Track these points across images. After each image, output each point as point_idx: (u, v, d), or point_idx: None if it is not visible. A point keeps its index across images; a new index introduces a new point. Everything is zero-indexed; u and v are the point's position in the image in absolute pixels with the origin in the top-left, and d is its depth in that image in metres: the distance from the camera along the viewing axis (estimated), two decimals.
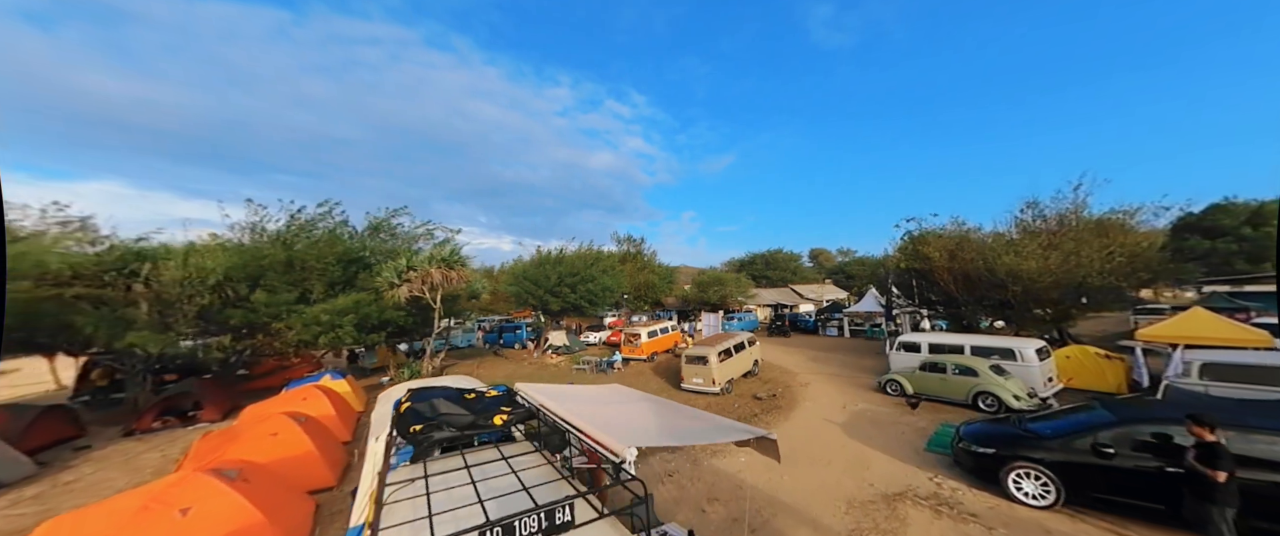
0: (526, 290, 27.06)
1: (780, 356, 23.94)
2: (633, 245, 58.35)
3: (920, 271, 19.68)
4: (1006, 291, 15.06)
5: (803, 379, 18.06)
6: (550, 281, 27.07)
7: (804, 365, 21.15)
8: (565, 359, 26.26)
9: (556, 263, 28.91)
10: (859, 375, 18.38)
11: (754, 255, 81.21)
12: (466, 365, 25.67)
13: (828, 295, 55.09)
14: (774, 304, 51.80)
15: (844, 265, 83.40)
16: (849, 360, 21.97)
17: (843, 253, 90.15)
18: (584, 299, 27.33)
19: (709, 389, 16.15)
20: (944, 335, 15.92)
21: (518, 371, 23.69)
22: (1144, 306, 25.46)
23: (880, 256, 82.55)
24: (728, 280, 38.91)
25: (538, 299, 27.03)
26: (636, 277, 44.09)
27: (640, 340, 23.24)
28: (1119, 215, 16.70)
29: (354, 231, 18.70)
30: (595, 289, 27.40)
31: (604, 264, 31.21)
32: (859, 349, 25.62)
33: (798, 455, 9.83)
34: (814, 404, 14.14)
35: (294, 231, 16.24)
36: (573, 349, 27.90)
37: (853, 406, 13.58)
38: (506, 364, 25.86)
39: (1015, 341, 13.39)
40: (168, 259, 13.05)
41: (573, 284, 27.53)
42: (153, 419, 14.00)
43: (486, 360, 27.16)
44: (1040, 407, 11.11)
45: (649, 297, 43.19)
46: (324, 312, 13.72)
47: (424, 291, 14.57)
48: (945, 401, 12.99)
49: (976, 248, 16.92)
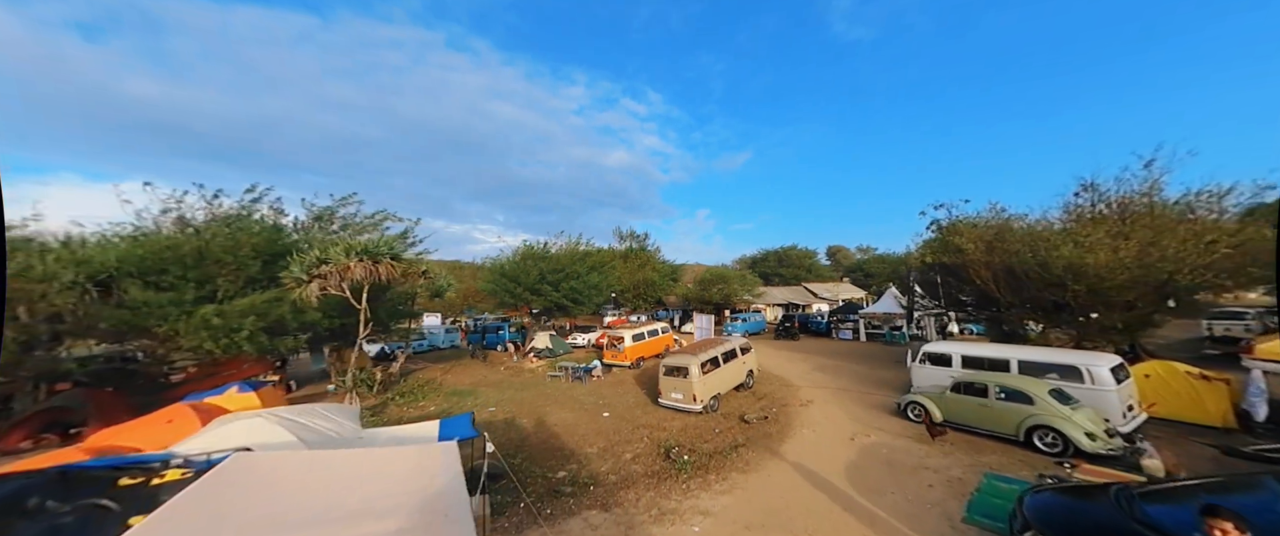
0: (503, 287, 24.62)
1: (783, 363, 20.97)
2: (635, 240, 55.78)
3: (950, 266, 16.51)
4: (1064, 291, 11.90)
5: (805, 394, 15.13)
6: (530, 278, 24.57)
7: (809, 376, 18.16)
8: (547, 363, 23.77)
9: (539, 258, 26.39)
10: (873, 390, 15.36)
11: (767, 252, 77.61)
12: (437, 369, 23.42)
13: (844, 294, 51.48)
14: (785, 303, 48.51)
15: (862, 263, 79.03)
16: (862, 370, 18.88)
17: (862, 250, 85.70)
18: (568, 297, 24.78)
19: (689, 406, 13.40)
20: (982, 345, 12.83)
21: (488, 377, 21.28)
22: (1217, 310, 21.63)
23: (902, 253, 78.60)
24: (732, 277, 35.88)
25: (516, 297, 24.59)
26: (636, 275, 41.41)
27: (624, 344, 20.56)
28: (1203, 197, 13.30)
29: (291, 222, 16.45)
30: (580, 287, 24.81)
31: (594, 260, 28.63)
32: (875, 356, 22.45)
33: (773, 524, 7.00)
34: (813, 432, 11.25)
35: (218, 223, 14.03)
36: (557, 352, 25.41)
37: (863, 437, 10.66)
38: (480, 368, 23.48)
39: (1082, 356, 10.29)
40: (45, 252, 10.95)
41: (556, 281, 24.99)
42: (23, 437, 11.91)
43: (460, 363, 24.86)
44: (1127, 451, 8.04)
45: (649, 296, 40.45)
46: (216, 314, 11.43)
47: (344, 289, 12.13)
48: (985, 434, 9.98)
49: (1022, 238, 13.73)
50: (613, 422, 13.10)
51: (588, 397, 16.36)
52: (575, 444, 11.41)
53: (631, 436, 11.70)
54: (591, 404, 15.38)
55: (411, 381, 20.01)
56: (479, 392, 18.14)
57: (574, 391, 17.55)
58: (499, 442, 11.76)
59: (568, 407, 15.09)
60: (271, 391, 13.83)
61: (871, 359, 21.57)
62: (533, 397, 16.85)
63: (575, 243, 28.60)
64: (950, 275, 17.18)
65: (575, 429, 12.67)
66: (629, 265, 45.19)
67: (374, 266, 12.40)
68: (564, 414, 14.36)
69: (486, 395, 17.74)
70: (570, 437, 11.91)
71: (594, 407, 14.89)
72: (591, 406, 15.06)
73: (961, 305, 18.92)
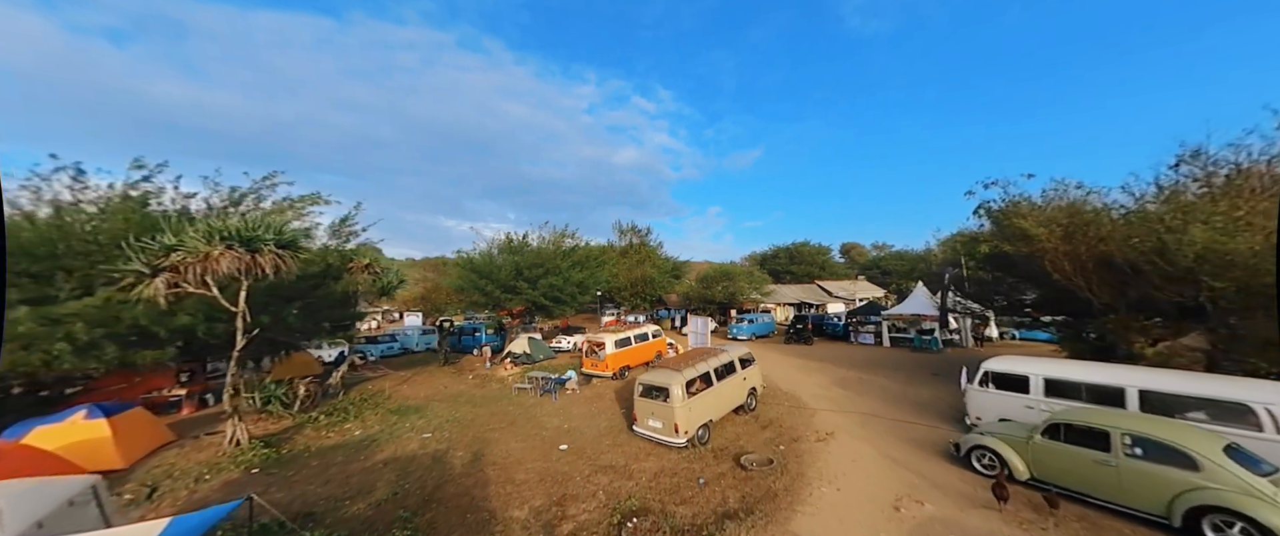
0: (472, 284, 21.56)
1: (794, 375, 17.57)
2: (636, 235, 52.50)
3: (1007, 258, 12.98)
4: (1197, 289, 8.37)
5: (823, 422, 11.77)
6: (504, 274, 21.48)
7: (827, 394, 14.76)
8: (521, 370, 20.71)
9: (515, 251, 23.28)
10: (912, 416, 11.95)
11: (778, 248, 73.75)
12: (395, 378, 20.47)
13: (861, 293, 47.62)
14: (797, 303, 44.87)
15: (879, 260, 74.76)
16: (893, 386, 15.41)
17: (877, 247, 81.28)
18: (547, 296, 21.65)
19: (670, 439, 10.16)
20: (1077, 365, 9.32)
21: (449, 388, 18.25)
22: None
23: (920, 250, 73.97)
24: (737, 274, 32.40)
25: (488, 296, 21.54)
26: (634, 271, 38.16)
27: (604, 351, 17.36)
28: None
29: (202, 205, 13.52)
30: (560, 283, 21.64)
31: (579, 255, 25.45)
32: (904, 365, 18.93)
33: None
34: (838, 492, 7.92)
35: (70, 210, 11.14)
36: (536, 358, 22.32)
37: (912, 504, 7.30)
38: (443, 377, 20.48)
39: (1253, 388, 6.81)
40: None
41: (533, 278, 21.87)
42: None
43: (426, 370, 21.89)
44: None
45: (647, 294, 37.18)
46: (31, 318, 8.51)
47: (208, 285, 9.10)
48: (1104, 506, 6.57)
49: (1125, 222, 10.17)
50: (568, 461, 9.93)
51: (551, 419, 13.22)
52: (505, 498, 8.25)
53: (584, 488, 8.50)
54: (552, 430, 12.24)
55: (355, 394, 17.06)
56: (427, 409, 15.13)
57: (538, 410, 14.42)
58: (409, 491, 8.67)
59: (521, 435, 11.98)
60: (136, 417, 10.91)
61: (901, 370, 18.05)
62: (486, 418, 13.77)
63: (561, 234, 25.46)
64: (1007, 269, 13.66)
65: (516, 470, 9.53)
66: (627, 261, 42.01)
67: (251, 257, 9.33)
68: (513, 445, 11.24)
69: (435, 412, 14.73)
70: (503, 486, 8.77)
71: (553, 436, 11.75)
72: (550, 434, 11.92)
73: (1022, 308, 15.37)
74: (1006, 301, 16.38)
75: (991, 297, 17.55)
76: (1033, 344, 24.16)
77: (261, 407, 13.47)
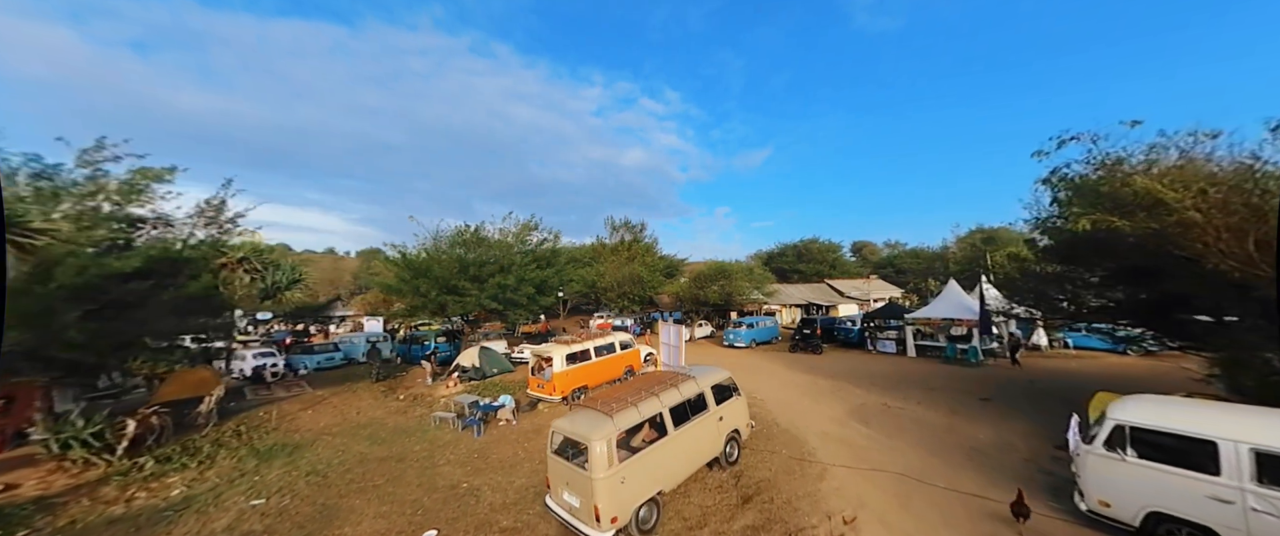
0: (408, 284, 17.81)
1: (798, 400, 13.52)
2: (630, 231, 48.64)
3: (1101, 240, 8.87)
4: None
5: (839, 488, 7.77)
6: (445, 272, 17.71)
7: (843, 434, 10.72)
8: (469, 389, 16.99)
9: (465, 245, 19.51)
10: (973, 475, 7.90)
11: (784, 246, 69.33)
12: (307, 399, 16.77)
13: (876, 293, 43.21)
14: (805, 303, 40.65)
15: (892, 258, 70.03)
16: (934, 419, 11.32)
17: (890, 245, 76.50)
18: (495, 298, 17.85)
19: (589, 529, 6.27)
20: None
21: (362, 415, 14.53)
22: None
23: (938, 248, 69.01)
24: (735, 272, 28.32)
25: (426, 298, 17.81)
26: (622, 270, 34.30)
27: (551, 369, 13.49)
28: None
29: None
30: (512, 283, 17.80)
31: (543, 251, 21.63)
32: (940, 383, 14.80)
33: None
34: None
35: None
36: (488, 372, 18.54)
37: None
38: (366, 398, 16.75)
39: None
40: None
41: (481, 277, 18.10)
42: None
43: (356, 388, 18.17)
44: None
45: (636, 295, 33.28)
46: None
47: None
48: None
49: None
50: None
51: (454, 471, 9.48)
52: None
53: None
54: (442, 491, 8.48)
55: (238, 423, 13.42)
56: (308, 449, 11.48)
57: (449, 452, 10.66)
58: None
59: (391, 500, 8.24)
60: None
61: (939, 392, 13.94)
62: (371, 466, 10.07)
63: (525, 226, 21.62)
64: (1105, 254, 9.54)
65: None
66: (617, 258, 38.19)
67: None
68: (361, 526, 7.43)
69: (314, 454, 11.07)
70: None
71: (436, 503, 8.00)
72: (437, 498, 8.18)
73: (1093, 312, 11.18)
74: (1072, 302, 12.18)
75: (1055, 297, 13.34)
76: (1091, 355, 19.86)
77: (60, 452, 9.84)
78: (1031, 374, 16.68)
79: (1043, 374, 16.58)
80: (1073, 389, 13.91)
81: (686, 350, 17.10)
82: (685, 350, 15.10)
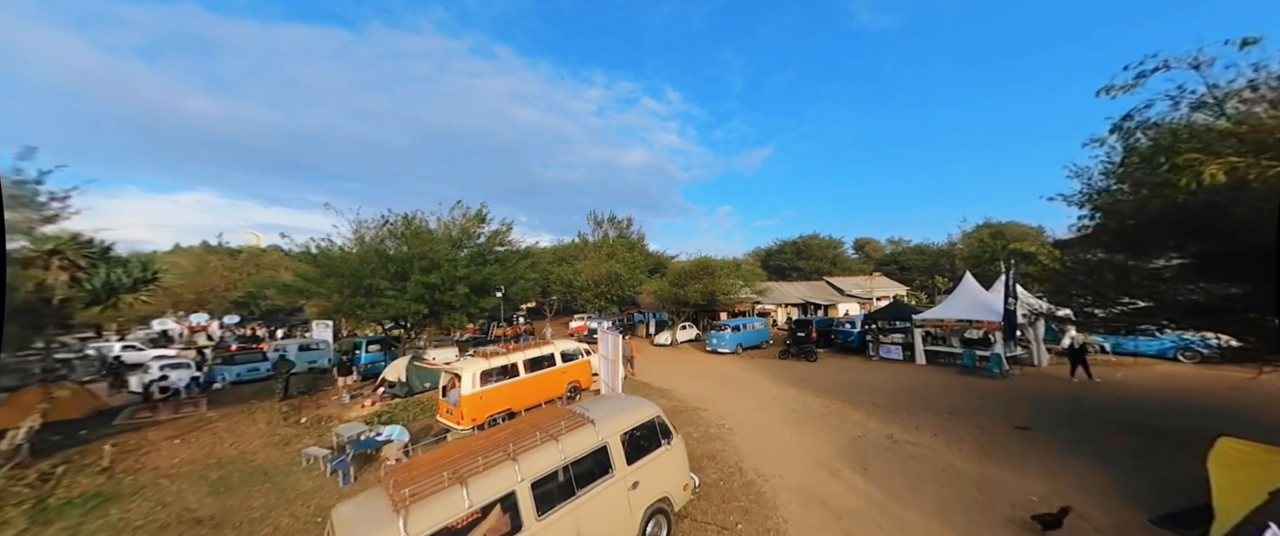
0: (312, 284, 14.80)
1: (776, 430, 10.43)
2: (614, 226, 45.66)
3: (1214, 209, 5.79)
4: None
5: None
6: (361, 271, 14.70)
7: (833, 488, 7.64)
8: (393, 407, 14.07)
9: (397, 239, 16.51)
10: None
11: (783, 242, 66.10)
12: (192, 421, 13.83)
13: (879, 291, 40.05)
14: (802, 302, 37.57)
15: (896, 255, 66.73)
16: (959, 464, 8.24)
17: (893, 242, 73.17)
18: (420, 300, 14.84)
19: None
20: None
21: (236, 446, 11.58)
22: None
23: (943, 244, 65.64)
24: (719, 268, 25.18)
25: (337, 302, 14.88)
26: (599, 268, 31.30)
27: (459, 390, 10.48)
28: None
29: None
30: (438, 281, 14.76)
31: (490, 244, 18.63)
32: (959, 401, 11.72)
33: None
34: None
35: None
36: (416, 388, 15.57)
37: None
38: (257, 422, 13.80)
39: None
40: None
41: (405, 274, 15.10)
42: None
43: (260, 407, 15.20)
44: None
45: (613, 294, 30.27)
46: None
47: None
48: None
49: None
50: None
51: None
52: None
53: None
54: None
55: (66, 457, 10.51)
56: (120, 504, 8.60)
57: (287, 514, 7.69)
58: None
59: None
60: None
61: (960, 417, 10.86)
62: None
63: (476, 216, 18.58)
64: (1199, 232, 6.49)
65: None
66: (596, 255, 35.19)
67: None
68: None
69: (115, 518, 8.11)
70: None
71: None
72: None
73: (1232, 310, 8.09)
74: (1152, 298, 9.11)
75: (1110, 291, 10.19)
76: (1136, 362, 16.66)
77: None
78: (1073, 386, 13.60)
79: (1087, 389, 13.49)
80: (1136, 411, 10.82)
81: (662, 358, 14.05)
82: (619, 366, 12.05)
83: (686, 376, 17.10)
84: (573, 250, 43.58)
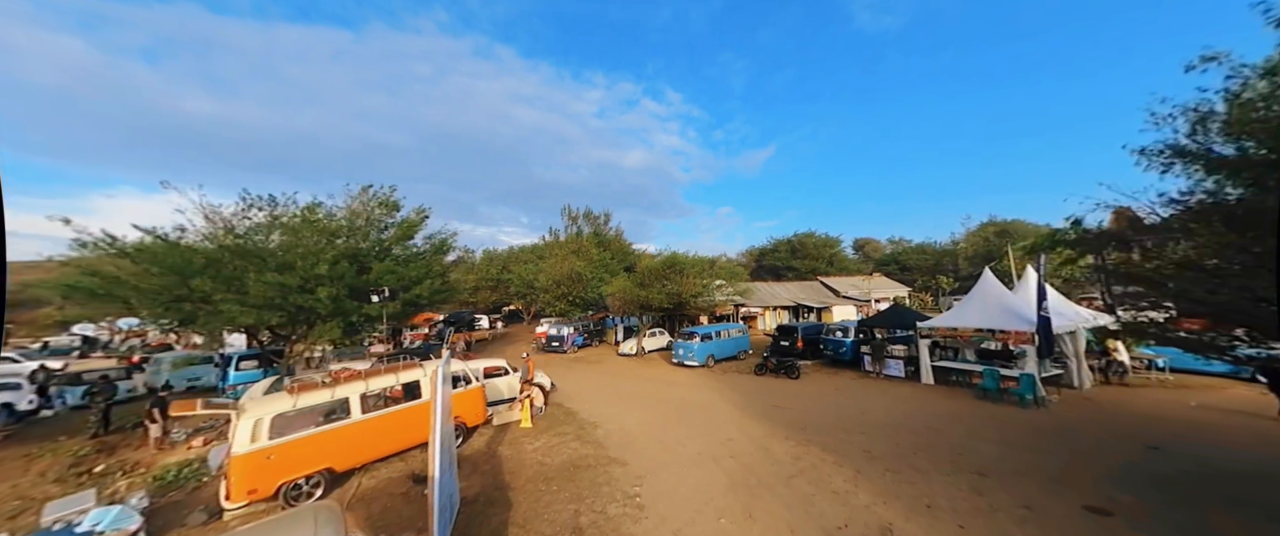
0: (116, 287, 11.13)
1: (716, 508, 6.77)
2: (591, 222, 42.04)
3: None
4: None
5: None
6: (188, 270, 11.03)
7: None
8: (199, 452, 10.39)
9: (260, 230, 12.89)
10: None
11: (778, 241, 62.29)
12: None
13: (878, 292, 36.37)
14: (793, 304, 33.92)
15: (897, 254, 63.09)
16: None
17: (894, 242, 69.53)
18: (271, 306, 11.20)
19: None
20: None
21: None
22: None
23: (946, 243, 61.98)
24: (689, 267, 21.43)
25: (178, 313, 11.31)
26: (561, 266, 27.71)
27: (228, 445, 6.87)
28: None
29: None
30: (292, 283, 11.09)
31: (397, 237, 15.05)
32: (1001, 453, 8.10)
33: None
34: None
35: None
36: None
37: None
38: (20, 469, 10.18)
39: None
40: None
41: (236, 275, 11.44)
42: None
43: (47, 446, 11.56)
44: None
45: (576, 296, 26.65)
46: None
47: None
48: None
49: None
50: None
51: None
52: None
53: None
54: None
55: None
56: None
57: None
58: None
59: None
60: None
61: (994, 480, 7.21)
62: None
63: (383, 202, 14.97)
64: None
65: None
66: (561, 252, 31.60)
67: None
68: None
69: None
70: None
71: None
72: None
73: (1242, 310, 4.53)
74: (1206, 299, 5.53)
75: (1194, 292, 6.48)
76: (1196, 380, 12.92)
77: None
78: (1133, 420, 9.96)
79: (1157, 424, 9.86)
80: (1244, 471, 7.13)
81: (617, 371, 10.41)
82: (447, 400, 8.41)
83: (632, 400, 13.49)
84: (544, 249, 40.03)
